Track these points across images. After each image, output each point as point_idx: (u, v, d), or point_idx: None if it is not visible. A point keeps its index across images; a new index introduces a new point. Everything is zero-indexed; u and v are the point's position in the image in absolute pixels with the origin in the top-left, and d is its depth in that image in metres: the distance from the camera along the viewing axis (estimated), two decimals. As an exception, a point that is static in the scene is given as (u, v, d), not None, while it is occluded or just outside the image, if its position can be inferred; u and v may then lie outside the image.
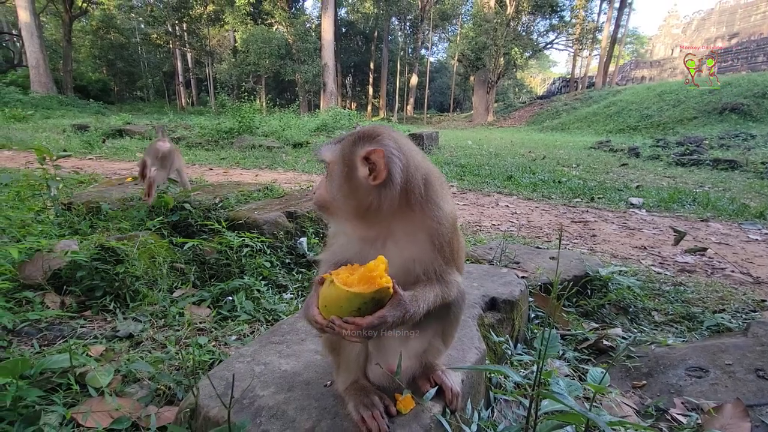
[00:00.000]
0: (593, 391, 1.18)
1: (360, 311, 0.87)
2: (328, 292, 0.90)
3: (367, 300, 0.86)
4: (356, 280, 0.88)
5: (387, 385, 1.08)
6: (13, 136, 11.53)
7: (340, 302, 0.87)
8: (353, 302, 0.86)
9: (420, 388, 1.10)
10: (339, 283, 0.87)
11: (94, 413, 1.46)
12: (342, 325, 0.88)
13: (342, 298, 0.87)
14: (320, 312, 0.93)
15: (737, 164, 9.79)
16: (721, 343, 1.80)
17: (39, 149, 3.60)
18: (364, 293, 0.86)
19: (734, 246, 4.17)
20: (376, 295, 0.87)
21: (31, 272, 2.30)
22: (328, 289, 0.90)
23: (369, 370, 1.11)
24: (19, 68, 31.51)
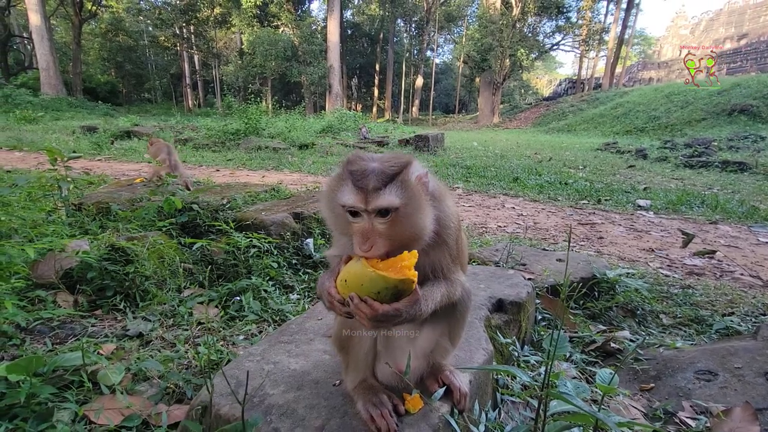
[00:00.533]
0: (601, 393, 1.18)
1: (379, 295, 0.87)
2: (353, 268, 0.90)
3: (390, 286, 0.87)
4: (384, 266, 0.89)
5: (395, 384, 1.09)
6: (23, 137, 11.70)
7: (362, 280, 0.87)
8: (376, 284, 0.86)
9: (428, 388, 1.11)
10: (367, 263, 0.88)
11: (106, 410, 1.48)
12: (359, 304, 0.88)
13: (365, 276, 0.87)
14: (337, 287, 0.93)
15: (746, 166, 9.69)
16: (731, 346, 1.78)
17: (50, 150, 3.66)
18: (389, 278, 0.86)
19: (744, 249, 4.13)
20: (400, 284, 0.87)
21: (44, 271, 2.34)
22: (354, 265, 0.90)
23: (377, 369, 1.12)
24: (29, 70, 31.99)
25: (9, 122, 15.98)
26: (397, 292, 0.88)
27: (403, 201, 0.90)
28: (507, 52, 31.44)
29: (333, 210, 0.97)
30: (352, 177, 0.92)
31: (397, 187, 0.91)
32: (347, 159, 0.98)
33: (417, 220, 0.93)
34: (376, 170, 0.91)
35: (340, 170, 0.97)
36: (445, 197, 1.05)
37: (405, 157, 0.97)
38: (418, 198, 0.92)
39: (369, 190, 0.90)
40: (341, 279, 0.92)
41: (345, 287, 0.91)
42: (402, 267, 0.88)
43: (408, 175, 0.93)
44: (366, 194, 0.90)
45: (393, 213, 0.91)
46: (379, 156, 0.97)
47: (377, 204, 0.89)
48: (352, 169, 0.93)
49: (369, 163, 0.93)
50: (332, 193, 0.96)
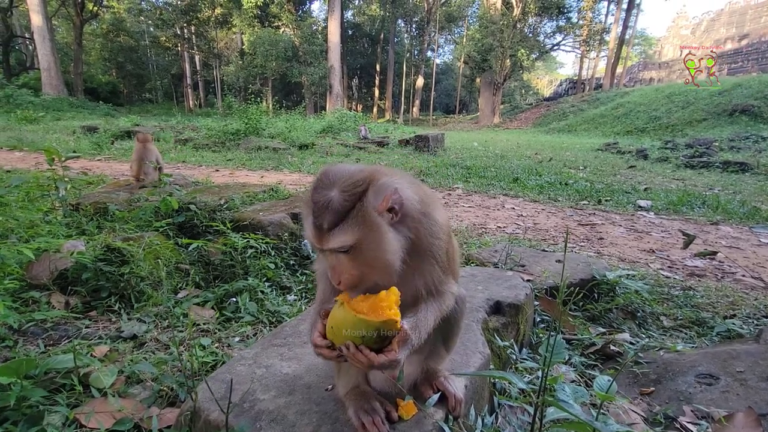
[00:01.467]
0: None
1: (364, 339, 0.87)
2: (337, 313, 0.90)
3: (372, 329, 0.86)
4: (366, 308, 0.88)
5: (388, 390, 1.07)
6: (24, 137, 11.70)
7: (345, 325, 0.87)
8: (358, 327, 0.86)
9: (422, 394, 1.08)
10: (348, 308, 0.87)
11: (97, 414, 1.46)
12: (355, 353, 0.88)
13: (348, 322, 0.87)
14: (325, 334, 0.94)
15: (748, 167, 9.65)
16: (732, 349, 1.76)
17: (48, 150, 3.64)
18: (370, 321, 0.86)
19: (745, 250, 4.10)
20: (382, 326, 0.87)
21: (38, 272, 2.32)
22: (337, 311, 0.90)
23: (370, 375, 1.10)
24: (31, 71, 32.04)
25: (10, 122, 16.00)
26: (380, 333, 0.88)
27: (359, 237, 0.86)
28: (507, 53, 31.41)
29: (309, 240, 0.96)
30: (312, 210, 0.89)
31: (350, 224, 0.86)
32: (314, 181, 0.93)
33: (377, 253, 0.89)
34: (331, 205, 0.86)
35: (307, 195, 0.93)
36: (431, 209, 0.99)
37: (364, 182, 0.89)
38: (375, 231, 0.87)
39: (323, 230, 0.87)
40: (328, 326, 0.93)
41: (331, 333, 0.91)
42: (382, 308, 0.87)
43: (364, 206, 0.87)
44: (320, 233, 0.88)
45: (352, 249, 0.88)
46: (341, 178, 0.90)
47: (330, 245, 0.87)
48: (313, 200, 0.89)
49: (327, 192, 0.88)
50: (304, 221, 0.94)
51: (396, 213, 0.89)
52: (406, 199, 0.91)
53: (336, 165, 0.95)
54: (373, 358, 0.87)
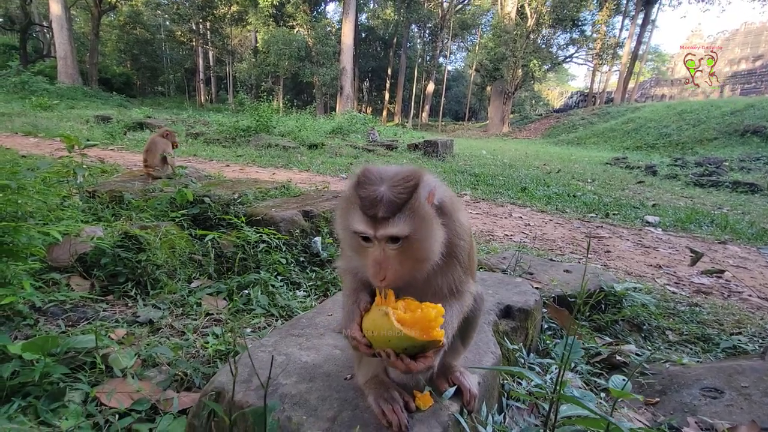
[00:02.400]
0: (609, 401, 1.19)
1: (406, 351, 0.91)
2: (380, 322, 0.91)
3: (417, 346, 0.90)
4: (410, 320, 0.90)
5: (406, 382, 1.11)
6: (39, 123, 11.87)
7: (389, 336, 0.89)
8: (403, 343, 0.89)
9: (438, 387, 1.12)
10: (394, 320, 0.89)
11: (115, 393, 1.51)
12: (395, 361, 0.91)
13: (393, 337, 0.89)
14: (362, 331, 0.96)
15: (758, 188, 9.61)
16: (738, 365, 1.78)
17: (68, 138, 3.73)
18: (417, 340, 0.88)
19: (752, 270, 4.10)
20: (427, 345, 0.90)
21: (58, 255, 2.38)
22: (381, 320, 0.91)
23: (390, 368, 1.13)
24: (47, 59, 32.46)
25: (25, 108, 16.21)
26: (423, 349, 0.92)
27: (413, 228, 0.89)
28: (520, 63, 31.44)
29: (346, 232, 0.97)
30: (361, 203, 0.90)
31: (406, 215, 0.89)
32: (357, 179, 0.95)
33: (428, 244, 0.92)
34: (384, 198, 0.89)
35: (351, 191, 0.95)
36: (456, 210, 1.02)
37: (414, 177, 0.92)
38: (428, 222, 0.91)
39: (378, 219, 0.88)
40: (367, 329, 0.94)
41: (370, 335, 0.93)
42: (430, 327, 0.89)
43: (418, 200, 0.90)
44: (376, 223, 0.89)
45: (403, 239, 0.90)
46: (389, 175, 0.93)
47: (386, 233, 0.89)
48: (362, 195, 0.91)
49: (378, 187, 0.91)
50: (344, 216, 0.95)
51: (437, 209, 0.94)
52: (443, 197, 0.96)
53: (373, 164, 0.98)
54: (413, 366, 0.91)
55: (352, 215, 0.92)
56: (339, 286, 2.80)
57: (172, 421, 1.41)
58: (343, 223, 0.96)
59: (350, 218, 0.93)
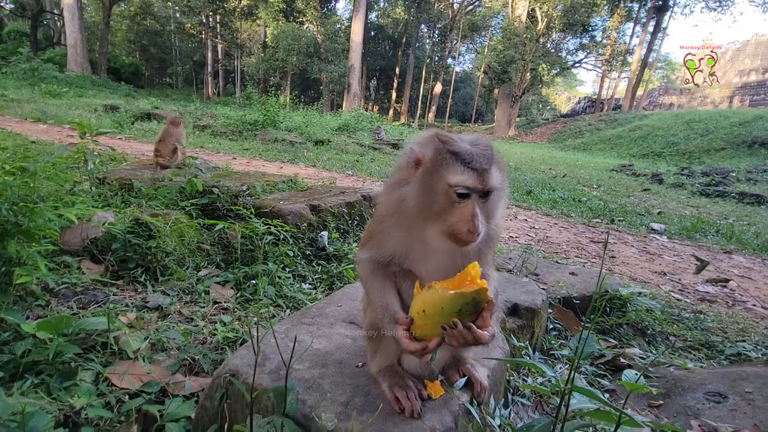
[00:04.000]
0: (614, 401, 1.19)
1: (461, 312, 0.91)
2: (427, 296, 0.93)
3: (469, 300, 0.90)
4: (453, 286, 0.92)
5: (418, 372, 1.12)
6: (48, 110, 11.94)
7: (442, 304, 0.90)
8: (456, 303, 0.90)
9: (449, 378, 1.14)
10: (439, 287, 0.92)
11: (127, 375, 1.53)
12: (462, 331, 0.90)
13: (445, 300, 0.90)
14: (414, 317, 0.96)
15: (764, 199, 9.57)
16: (742, 370, 1.79)
17: (81, 124, 3.76)
18: (466, 293, 0.90)
19: (757, 281, 4.10)
20: (476, 295, 0.91)
21: (70, 239, 2.41)
22: (427, 294, 0.93)
23: (403, 359, 1.15)
24: (57, 46, 32.62)
25: (34, 95, 16.32)
26: (475, 303, 0.92)
27: (501, 182, 0.95)
28: (528, 66, 31.39)
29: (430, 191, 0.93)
30: (461, 158, 0.91)
31: (497, 168, 0.95)
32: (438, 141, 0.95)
33: (500, 203, 0.99)
34: (482, 152, 0.92)
35: (436, 152, 0.94)
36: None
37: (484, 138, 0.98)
38: (505, 180, 0.98)
39: (482, 171, 0.91)
40: (418, 310, 0.95)
41: (424, 317, 0.94)
42: (471, 280, 0.92)
43: (500, 157, 0.97)
44: (481, 174, 0.91)
45: (492, 194, 0.94)
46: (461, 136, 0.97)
47: (491, 184, 0.91)
48: (458, 151, 0.92)
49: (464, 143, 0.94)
50: (434, 174, 0.93)
51: None
52: None
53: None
54: (480, 335, 0.91)
55: (451, 170, 0.91)
56: (345, 280, 2.82)
57: (181, 404, 1.43)
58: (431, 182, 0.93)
59: (446, 175, 0.91)
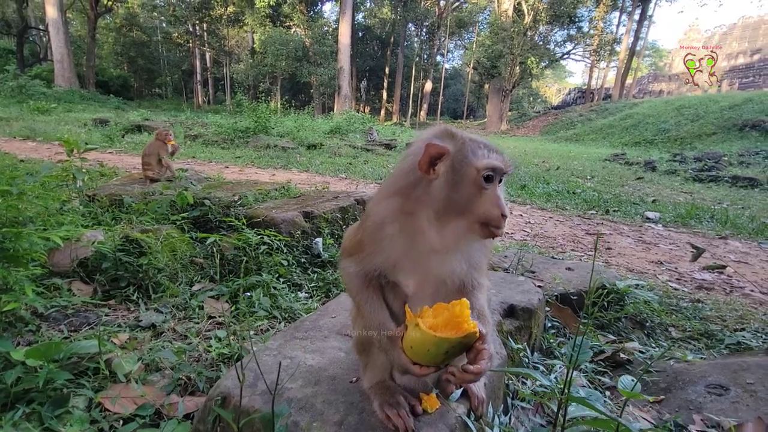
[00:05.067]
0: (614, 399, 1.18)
1: (447, 354, 0.91)
2: (414, 336, 0.92)
3: (455, 344, 0.90)
4: (441, 324, 0.91)
5: (413, 386, 1.10)
6: (37, 128, 11.85)
7: (427, 346, 0.90)
8: (441, 347, 0.89)
9: (445, 389, 1.11)
10: (425, 328, 0.90)
11: (119, 399, 1.50)
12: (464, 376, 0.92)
13: (430, 343, 0.89)
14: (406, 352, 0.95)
15: (757, 182, 9.62)
16: (743, 361, 1.78)
17: (67, 141, 3.71)
18: (452, 338, 0.89)
19: (754, 265, 4.10)
20: (464, 339, 0.90)
21: (59, 260, 2.38)
22: (413, 333, 0.92)
23: (395, 372, 1.12)
24: (44, 62, 32.41)
25: (23, 113, 16.19)
26: (463, 345, 0.92)
27: None
28: (517, 60, 31.44)
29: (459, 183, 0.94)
30: (487, 146, 0.98)
31: None
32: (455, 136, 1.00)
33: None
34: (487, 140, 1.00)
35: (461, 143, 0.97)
36: None
37: None
38: None
39: (500, 153, 0.98)
40: (407, 346, 0.94)
41: (412, 352, 0.94)
42: (459, 322, 0.90)
43: None
44: (501, 156, 0.97)
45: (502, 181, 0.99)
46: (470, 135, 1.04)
47: (513, 167, 0.99)
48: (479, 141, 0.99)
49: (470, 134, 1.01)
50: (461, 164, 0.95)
51: None
52: None
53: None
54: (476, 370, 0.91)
55: (476, 157, 0.95)
56: (341, 287, 2.79)
57: (176, 426, 1.40)
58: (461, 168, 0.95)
59: (474, 161, 0.94)
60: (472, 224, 0.93)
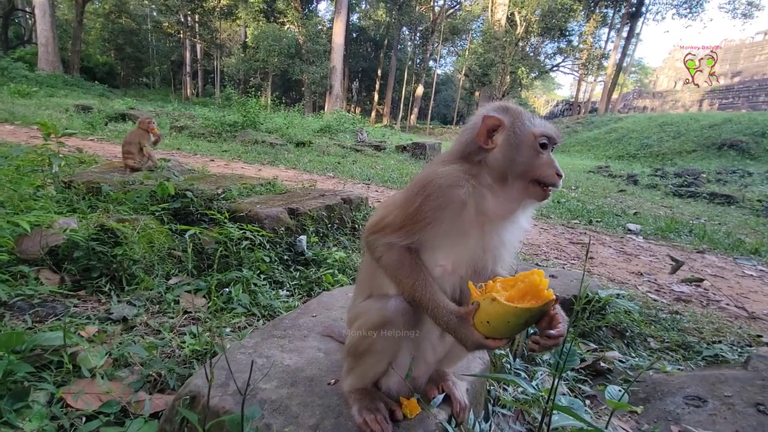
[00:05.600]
0: (594, 407, 1.16)
1: (526, 324, 0.92)
2: (491, 310, 0.92)
3: (535, 313, 0.91)
4: (517, 296, 0.92)
5: (394, 391, 1.06)
6: (16, 111, 11.43)
7: (507, 317, 0.90)
8: (521, 317, 0.90)
9: (427, 394, 1.08)
10: (503, 300, 0.90)
11: (84, 394, 1.42)
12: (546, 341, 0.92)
13: (510, 314, 0.90)
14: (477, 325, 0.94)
15: (734, 200, 9.91)
16: (721, 374, 1.79)
17: (45, 125, 3.58)
18: (533, 308, 0.90)
19: (729, 279, 4.20)
20: (543, 307, 0.91)
21: (28, 247, 2.26)
22: (490, 308, 0.92)
23: (383, 380, 1.08)
24: (28, 45, 31.40)
25: (2, 95, 15.61)
26: (541, 313, 0.93)
27: None
28: (508, 69, 31.85)
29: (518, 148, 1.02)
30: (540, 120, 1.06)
31: None
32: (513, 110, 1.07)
33: None
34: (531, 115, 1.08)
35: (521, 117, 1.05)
36: None
37: None
38: None
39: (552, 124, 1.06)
40: (481, 321, 0.94)
41: (489, 327, 0.93)
42: (539, 291, 0.91)
43: None
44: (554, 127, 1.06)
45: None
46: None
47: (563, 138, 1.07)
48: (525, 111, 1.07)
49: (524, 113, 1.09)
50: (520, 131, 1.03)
51: None
52: None
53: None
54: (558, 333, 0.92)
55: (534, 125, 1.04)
56: (323, 286, 2.74)
57: (143, 425, 1.34)
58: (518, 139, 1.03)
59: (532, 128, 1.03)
60: (529, 185, 1.01)
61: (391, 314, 0.97)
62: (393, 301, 0.99)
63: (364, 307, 1.05)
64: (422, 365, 1.06)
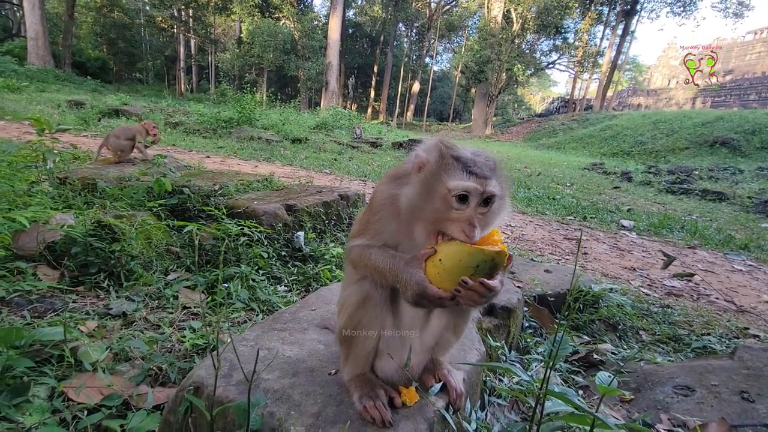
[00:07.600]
0: (587, 397, 1.20)
1: (477, 269, 0.92)
2: (447, 248, 0.94)
3: (488, 259, 0.91)
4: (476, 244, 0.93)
5: (392, 379, 1.09)
6: (6, 106, 11.29)
7: (461, 256, 0.91)
8: (475, 257, 0.91)
9: (424, 383, 1.11)
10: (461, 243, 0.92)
11: (85, 388, 1.44)
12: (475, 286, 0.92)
13: (464, 252, 0.91)
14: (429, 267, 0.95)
15: (725, 196, 10.03)
16: (708, 364, 1.84)
17: (38, 120, 3.56)
18: (487, 250, 0.91)
19: (719, 274, 4.27)
20: (496, 256, 0.92)
21: (25, 243, 2.26)
22: (448, 246, 0.94)
23: (377, 366, 1.12)
24: (17, 38, 30.89)
25: (-9, 89, 15.40)
26: (492, 264, 0.93)
27: (501, 192, 0.99)
28: (504, 66, 31.90)
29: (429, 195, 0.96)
30: (463, 164, 0.95)
31: (499, 178, 0.99)
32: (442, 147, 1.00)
33: (500, 212, 1.02)
34: (482, 159, 0.98)
35: (440, 158, 0.98)
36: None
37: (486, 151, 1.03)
38: (505, 192, 1.02)
39: (483, 177, 0.95)
40: (435, 259, 0.94)
41: (440, 266, 0.93)
42: (494, 241, 0.94)
43: (501, 169, 1.01)
44: (482, 180, 0.94)
45: (492, 202, 0.97)
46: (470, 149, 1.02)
47: (491, 190, 0.95)
48: (461, 156, 0.97)
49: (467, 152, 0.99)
50: (434, 178, 0.96)
51: None
52: None
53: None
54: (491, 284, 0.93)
55: (453, 175, 0.95)
56: (321, 282, 2.76)
57: (145, 417, 1.36)
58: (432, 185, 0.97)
59: (450, 178, 0.95)
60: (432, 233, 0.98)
61: (368, 289, 1.06)
62: (368, 280, 1.07)
63: (346, 293, 1.14)
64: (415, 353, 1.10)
